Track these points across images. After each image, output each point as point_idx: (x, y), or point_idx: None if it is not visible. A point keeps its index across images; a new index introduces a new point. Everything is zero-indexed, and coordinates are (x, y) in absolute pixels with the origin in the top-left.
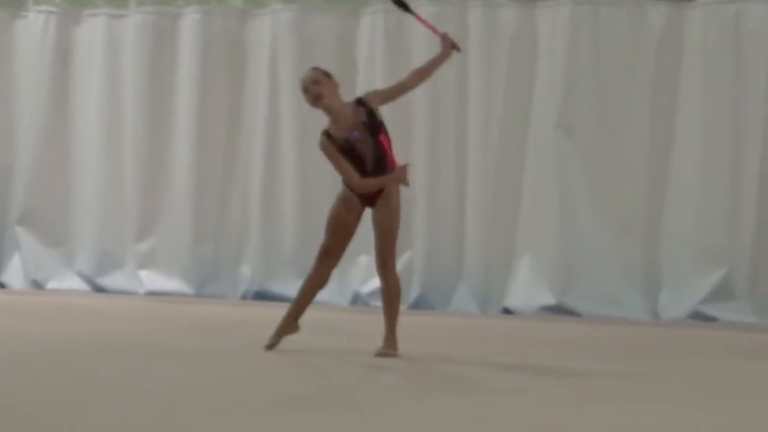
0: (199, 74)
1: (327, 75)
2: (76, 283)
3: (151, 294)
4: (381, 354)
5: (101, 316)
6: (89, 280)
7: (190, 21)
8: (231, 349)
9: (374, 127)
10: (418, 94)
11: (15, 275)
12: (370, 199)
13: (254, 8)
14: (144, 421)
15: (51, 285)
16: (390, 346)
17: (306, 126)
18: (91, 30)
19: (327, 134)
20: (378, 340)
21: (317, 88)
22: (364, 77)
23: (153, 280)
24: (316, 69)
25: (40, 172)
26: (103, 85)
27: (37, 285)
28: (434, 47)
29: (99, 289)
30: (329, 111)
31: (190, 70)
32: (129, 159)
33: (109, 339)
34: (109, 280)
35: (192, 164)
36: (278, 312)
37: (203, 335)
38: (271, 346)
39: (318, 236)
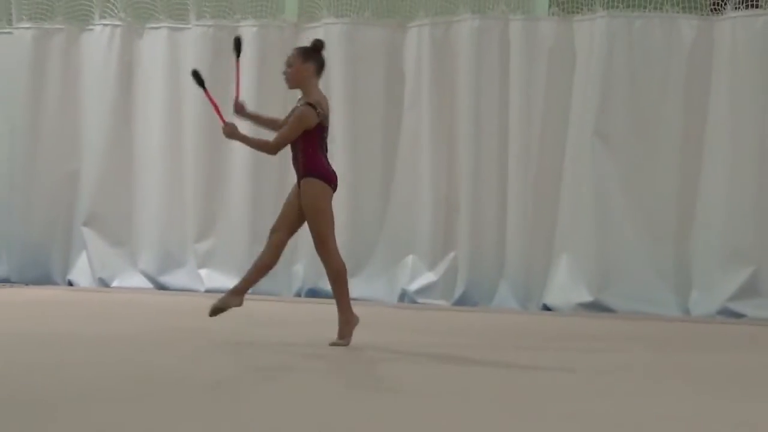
0: (255, 84)
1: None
2: (139, 282)
3: (211, 291)
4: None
5: (163, 313)
6: (152, 279)
7: (246, 33)
8: (282, 340)
9: None
10: (462, 103)
11: (82, 274)
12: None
13: (307, 22)
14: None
15: (116, 283)
16: (343, 330)
17: (355, 133)
18: (154, 42)
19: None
20: (412, 334)
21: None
22: (411, 88)
23: (212, 278)
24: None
25: (106, 176)
26: (164, 94)
27: (103, 283)
28: (479, 61)
29: (161, 287)
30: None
31: (247, 79)
32: (189, 164)
33: (170, 334)
34: (170, 279)
35: (248, 169)
36: (329, 309)
37: (258, 329)
38: (215, 311)
39: (366, 237)
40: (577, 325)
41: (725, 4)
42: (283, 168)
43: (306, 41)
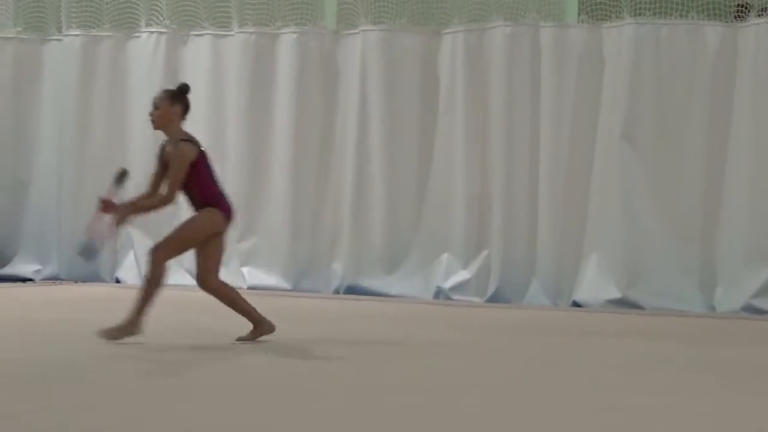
0: (295, 89)
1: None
2: (185, 279)
3: (253, 288)
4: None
5: (207, 308)
6: None
7: (287, 40)
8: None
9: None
10: (495, 107)
11: (129, 272)
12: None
13: (346, 29)
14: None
15: (167, 281)
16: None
17: (392, 136)
18: (198, 49)
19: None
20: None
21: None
22: (446, 92)
23: (254, 275)
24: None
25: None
26: (208, 98)
27: None
28: (511, 66)
29: None
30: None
31: (288, 84)
32: (232, 166)
33: (213, 327)
34: None
35: (289, 171)
36: (368, 305)
37: (300, 324)
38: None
39: (402, 236)
40: (606, 321)
41: (749, 11)
42: (322, 169)
43: (344, 48)
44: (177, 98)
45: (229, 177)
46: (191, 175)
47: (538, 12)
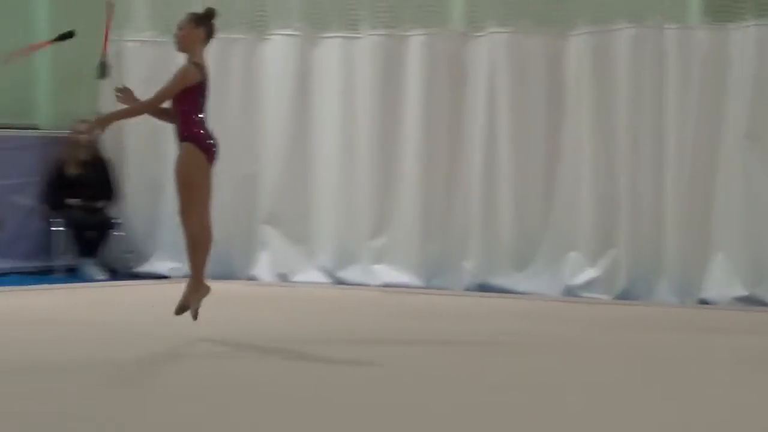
0: (424, 90)
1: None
2: (317, 276)
3: (385, 286)
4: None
5: (339, 305)
6: (329, 274)
7: (416, 43)
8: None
9: None
10: (621, 108)
11: (264, 269)
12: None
13: (474, 31)
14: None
15: (295, 278)
16: (189, 297)
17: (519, 136)
18: (328, 51)
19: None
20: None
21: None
22: (573, 95)
23: (387, 273)
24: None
25: (284, 177)
26: (339, 100)
27: (283, 278)
28: (636, 67)
29: (338, 282)
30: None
31: (417, 86)
32: (363, 165)
33: (347, 325)
34: (346, 274)
35: (419, 170)
36: (500, 302)
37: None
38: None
39: (530, 234)
40: (733, 319)
41: None
42: (451, 169)
43: (472, 50)
44: (201, 22)
45: (360, 177)
46: (181, 100)
47: (662, 14)
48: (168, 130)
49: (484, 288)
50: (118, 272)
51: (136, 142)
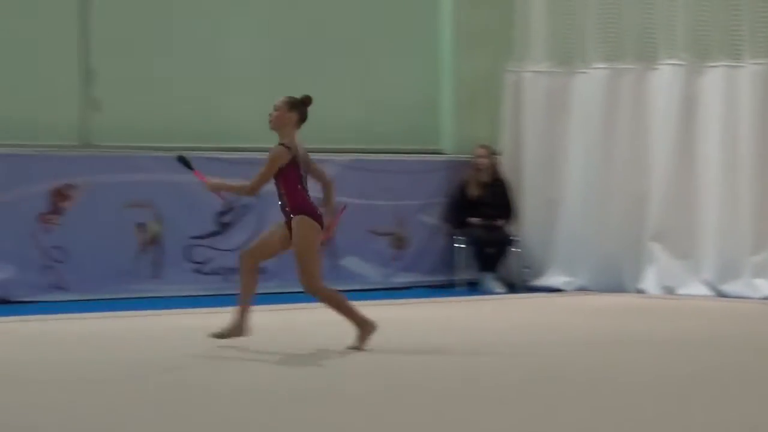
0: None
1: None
2: (701, 290)
3: (765, 299)
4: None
5: (720, 316)
6: (712, 287)
7: None
8: None
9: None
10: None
11: (651, 283)
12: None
13: None
14: None
15: (680, 291)
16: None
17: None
18: (712, 80)
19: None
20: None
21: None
22: None
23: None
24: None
25: (670, 197)
26: (721, 125)
27: (669, 291)
28: None
29: (721, 295)
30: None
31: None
32: (745, 184)
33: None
34: (728, 287)
35: None
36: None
37: None
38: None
39: None
40: None
41: None
42: None
43: None
44: (296, 106)
45: (741, 196)
46: (282, 181)
47: None
48: (561, 153)
49: None
50: (515, 286)
51: (533, 164)
